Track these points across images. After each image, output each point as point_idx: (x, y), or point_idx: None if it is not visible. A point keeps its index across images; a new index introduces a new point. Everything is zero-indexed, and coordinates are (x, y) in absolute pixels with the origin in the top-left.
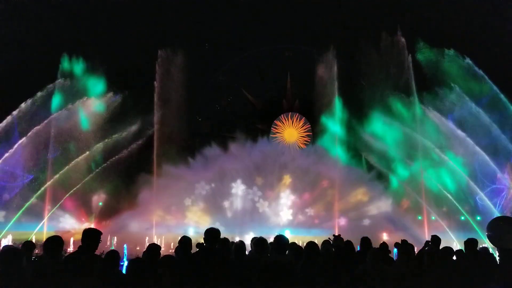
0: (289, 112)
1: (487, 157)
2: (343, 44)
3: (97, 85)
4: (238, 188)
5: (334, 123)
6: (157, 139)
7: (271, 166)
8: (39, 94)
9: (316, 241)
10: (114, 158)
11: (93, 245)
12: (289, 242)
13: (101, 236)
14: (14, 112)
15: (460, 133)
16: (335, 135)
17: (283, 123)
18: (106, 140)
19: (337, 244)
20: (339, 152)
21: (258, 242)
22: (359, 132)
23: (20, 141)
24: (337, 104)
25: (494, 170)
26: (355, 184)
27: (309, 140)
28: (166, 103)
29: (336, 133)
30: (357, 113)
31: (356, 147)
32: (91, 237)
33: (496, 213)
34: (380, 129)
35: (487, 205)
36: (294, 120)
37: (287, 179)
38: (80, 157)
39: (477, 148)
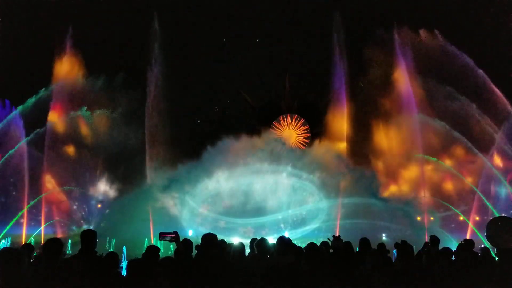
0: (288, 113)
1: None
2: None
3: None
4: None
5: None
6: (148, 142)
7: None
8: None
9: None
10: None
11: (92, 245)
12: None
13: (100, 239)
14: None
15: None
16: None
17: (282, 124)
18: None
19: (336, 245)
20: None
21: (260, 243)
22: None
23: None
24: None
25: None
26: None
27: (308, 141)
28: (161, 105)
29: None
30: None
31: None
32: (88, 238)
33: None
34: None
35: None
36: (293, 121)
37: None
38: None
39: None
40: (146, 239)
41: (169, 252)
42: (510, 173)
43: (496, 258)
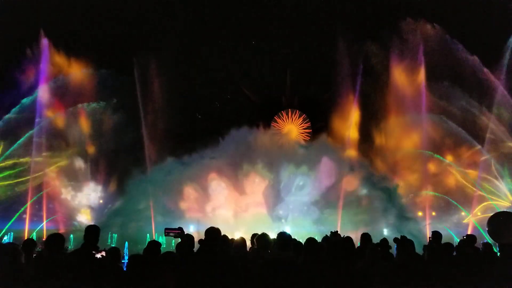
0: (289, 108)
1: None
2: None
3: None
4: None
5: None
6: (147, 137)
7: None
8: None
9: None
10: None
11: (94, 240)
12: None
13: (102, 234)
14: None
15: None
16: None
17: (282, 119)
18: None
19: (335, 240)
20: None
21: (261, 238)
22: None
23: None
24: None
25: None
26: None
27: (309, 137)
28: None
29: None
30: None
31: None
32: (92, 233)
33: None
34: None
35: None
36: (294, 117)
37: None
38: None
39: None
40: (148, 235)
41: (171, 248)
42: None
43: (498, 254)
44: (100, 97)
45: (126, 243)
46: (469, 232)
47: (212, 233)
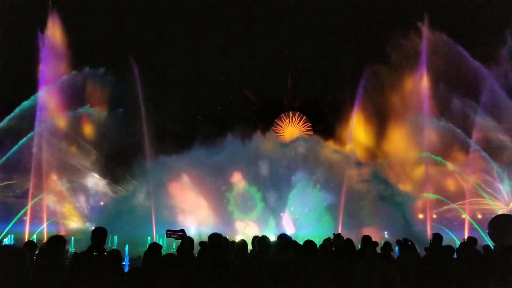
0: (290, 110)
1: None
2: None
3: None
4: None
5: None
6: (148, 140)
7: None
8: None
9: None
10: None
11: (101, 243)
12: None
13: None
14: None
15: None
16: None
17: (284, 122)
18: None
19: (338, 243)
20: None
21: (262, 240)
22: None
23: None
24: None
25: None
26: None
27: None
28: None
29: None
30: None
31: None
32: (99, 235)
33: None
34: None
35: None
36: (295, 119)
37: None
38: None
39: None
40: (149, 237)
41: (172, 250)
42: None
43: (498, 256)
44: (100, 99)
45: (127, 245)
46: (467, 234)
47: (215, 238)
